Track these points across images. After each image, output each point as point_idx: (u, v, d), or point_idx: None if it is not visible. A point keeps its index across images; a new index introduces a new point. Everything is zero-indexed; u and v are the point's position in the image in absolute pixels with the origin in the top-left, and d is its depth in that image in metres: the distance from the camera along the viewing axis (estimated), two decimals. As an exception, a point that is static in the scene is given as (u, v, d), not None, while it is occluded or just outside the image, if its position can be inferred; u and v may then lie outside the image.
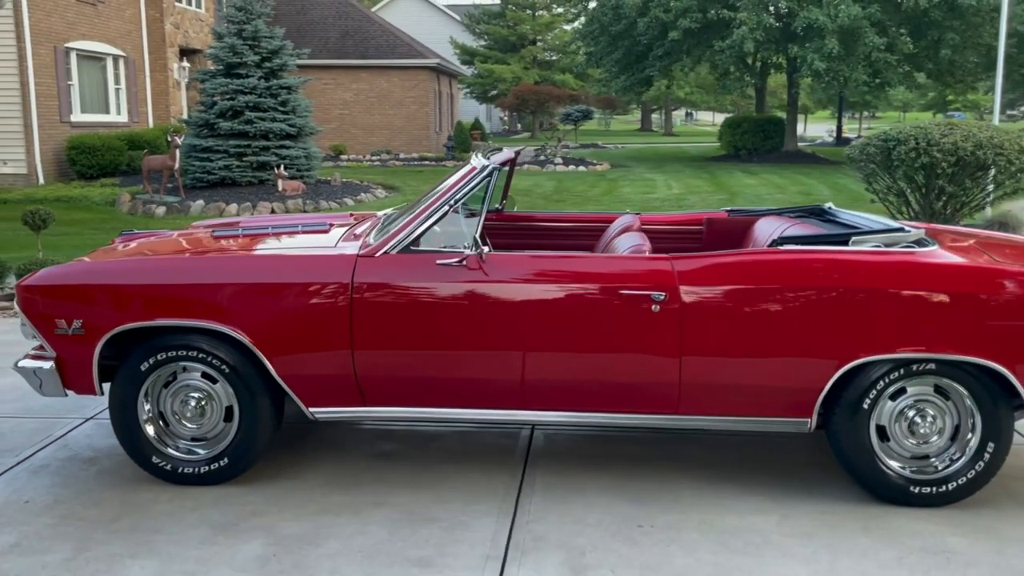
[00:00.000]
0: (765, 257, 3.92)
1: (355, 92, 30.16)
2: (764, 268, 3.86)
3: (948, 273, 3.80)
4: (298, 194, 16.81)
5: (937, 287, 3.75)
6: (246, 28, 18.08)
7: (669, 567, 3.43)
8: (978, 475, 3.88)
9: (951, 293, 3.74)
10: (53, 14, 20.25)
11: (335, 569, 3.40)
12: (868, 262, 3.83)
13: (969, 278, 3.79)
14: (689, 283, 3.85)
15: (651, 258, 3.97)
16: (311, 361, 3.97)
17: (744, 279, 3.84)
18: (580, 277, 3.93)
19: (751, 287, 3.82)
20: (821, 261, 3.85)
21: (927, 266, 3.81)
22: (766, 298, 3.81)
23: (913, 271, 3.80)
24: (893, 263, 3.83)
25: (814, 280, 3.80)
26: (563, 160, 25.06)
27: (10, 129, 19.24)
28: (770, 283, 3.82)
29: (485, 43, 50.46)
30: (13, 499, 3.99)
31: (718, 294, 3.83)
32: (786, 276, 3.82)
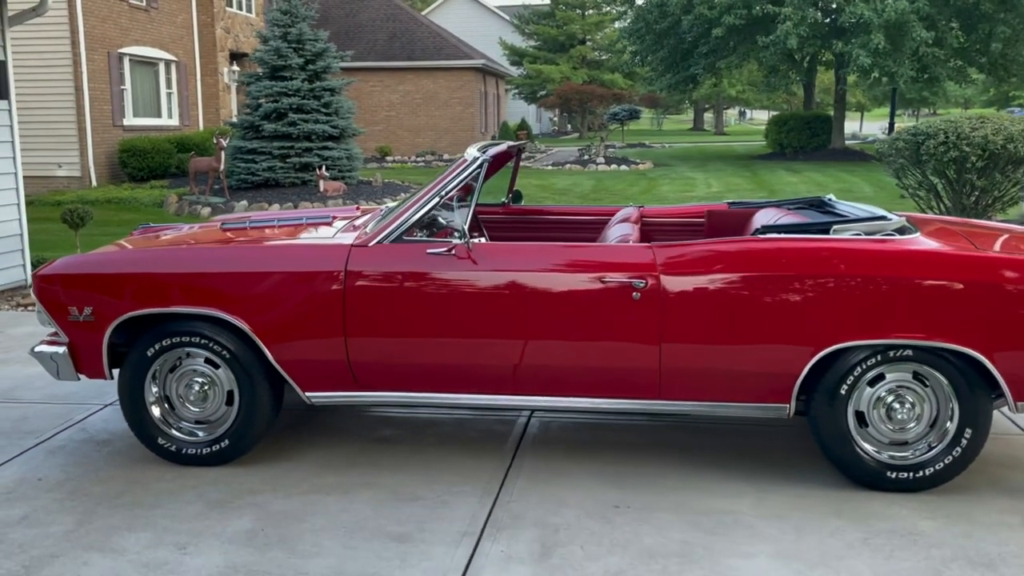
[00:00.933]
0: (743, 246, 4.00)
1: (402, 94, 30.54)
2: (742, 256, 3.94)
3: (924, 260, 3.84)
4: (339, 194, 17.12)
5: (913, 274, 3.80)
6: (291, 31, 18.47)
7: (638, 544, 3.54)
8: (955, 461, 3.92)
9: (927, 280, 3.79)
10: (107, 20, 20.89)
11: (317, 542, 3.57)
12: (844, 249, 3.90)
13: (946, 265, 3.83)
14: (669, 271, 3.95)
15: (633, 247, 4.08)
16: (306, 347, 4.15)
17: (722, 267, 3.93)
18: (563, 266, 4.05)
19: (729, 275, 3.91)
20: (798, 249, 3.92)
21: (904, 253, 3.87)
22: (744, 285, 3.89)
23: (889, 258, 3.85)
24: (869, 251, 3.88)
25: (791, 268, 3.88)
26: (605, 159, 25.12)
27: (65, 133, 19.88)
28: (748, 271, 3.90)
29: (534, 43, 50.63)
30: (28, 476, 4.24)
31: (697, 282, 3.93)
32: (763, 264, 3.90)
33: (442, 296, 4.07)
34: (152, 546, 3.54)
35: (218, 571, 3.34)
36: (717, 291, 3.91)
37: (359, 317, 4.09)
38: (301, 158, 17.90)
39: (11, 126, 8.60)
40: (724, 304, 3.91)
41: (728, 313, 3.91)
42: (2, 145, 8.50)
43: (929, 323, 3.79)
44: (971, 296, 3.78)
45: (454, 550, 3.50)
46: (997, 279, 3.78)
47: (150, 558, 3.44)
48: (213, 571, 3.34)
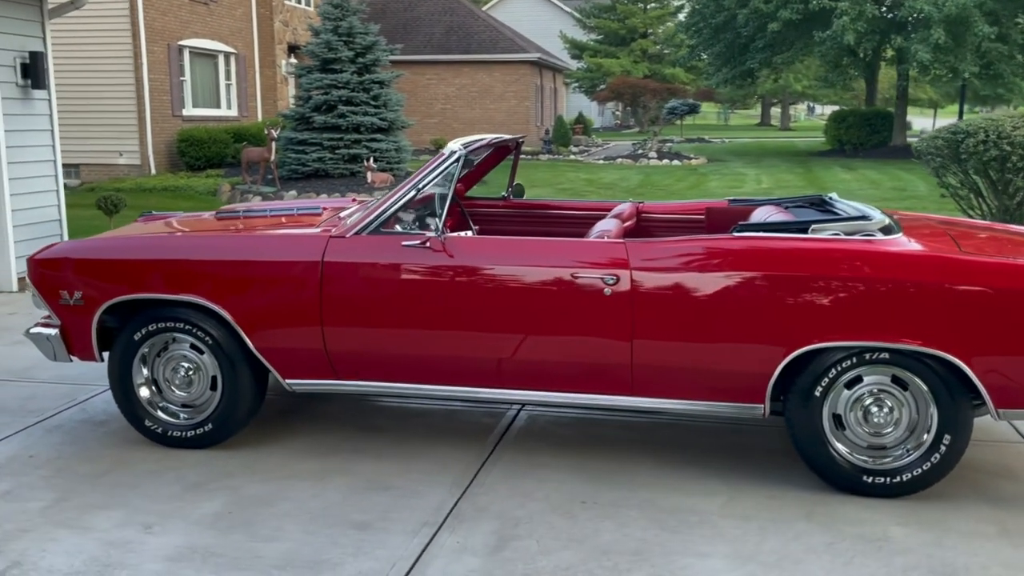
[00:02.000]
0: (715, 244, 3.95)
1: (457, 87, 30.68)
2: (713, 254, 3.89)
3: (900, 262, 3.75)
4: (386, 186, 17.28)
5: (888, 275, 3.71)
6: (341, 24, 18.68)
7: (595, 540, 3.53)
8: (933, 468, 3.82)
9: (904, 282, 3.70)
10: (167, 13, 21.36)
11: (279, 527, 3.63)
12: (817, 249, 3.82)
13: (922, 267, 3.73)
14: (641, 267, 3.92)
15: (606, 243, 4.05)
16: (285, 336, 4.22)
17: (693, 265, 3.89)
18: (536, 260, 4.04)
19: (700, 273, 3.87)
20: (769, 248, 3.86)
21: (879, 254, 3.77)
22: (715, 283, 3.84)
23: (864, 259, 3.76)
24: (843, 250, 3.80)
25: (763, 266, 3.82)
26: (658, 154, 24.91)
27: (126, 123, 20.39)
28: (719, 269, 3.85)
29: (595, 37, 50.37)
30: (20, 453, 4.39)
31: (668, 279, 3.89)
32: (735, 262, 3.85)
33: (415, 288, 4.09)
34: (120, 525, 3.64)
35: (175, 552, 3.42)
36: (688, 289, 3.87)
37: (335, 307, 4.14)
38: (350, 149, 18.12)
39: (50, 115, 8.86)
40: (695, 302, 3.86)
41: (699, 311, 3.86)
42: (42, 134, 8.76)
43: (904, 326, 3.70)
44: (948, 299, 3.67)
45: (411, 540, 3.53)
46: (975, 282, 3.67)
47: (115, 537, 3.54)
48: (171, 552, 3.42)
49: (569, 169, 22.68)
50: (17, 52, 8.35)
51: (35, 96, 8.62)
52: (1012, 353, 3.67)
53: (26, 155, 8.53)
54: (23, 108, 8.49)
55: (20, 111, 8.45)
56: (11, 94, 8.33)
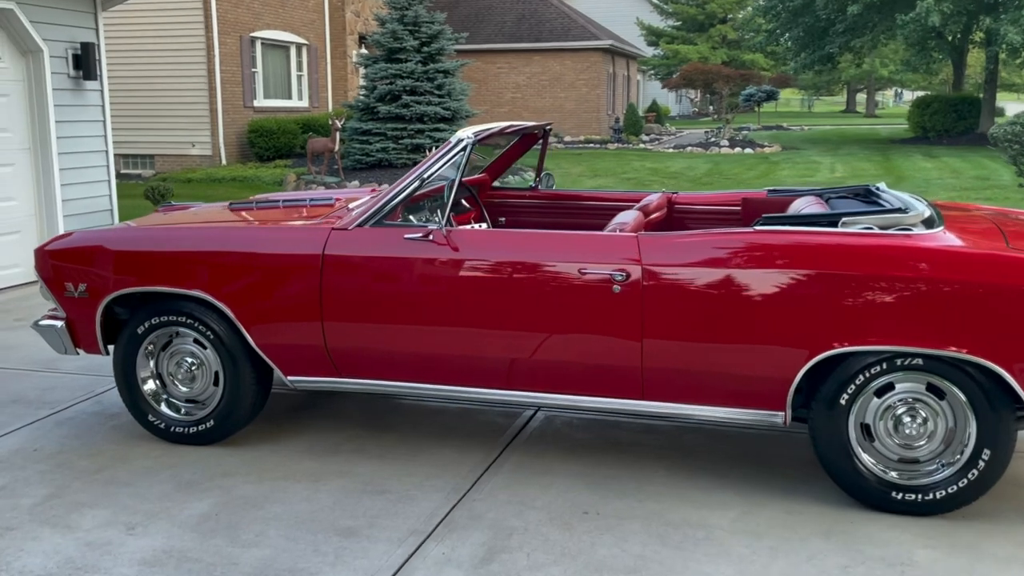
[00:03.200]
0: (735, 237, 3.65)
1: (528, 75, 30.43)
2: (732, 249, 3.60)
3: (936, 259, 3.40)
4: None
5: (921, 274, 3.38)
6: (407, 13, 18.63)
7: (588, 555, 3.30)
8: (970, 485, 3.48)
9: (939, 281, 3.36)
10: (240, 5, 21.61)
11: (262, 532, 3.49)
12: (845, 245, 3.50)
13: (960, 265, 3.38)
14: (653, 263, 3.66)
15: (617, 236, 3.80)
16: (285, 331, 4.08)
17: (710, 260, 3.61)
18: (543, 255, 3.81)
19: (717, 269, 3.59)
20: (794, 243, 3.55)
21: (913, 250, 3.44)
22: (733, 281, 3.56)
23: (896, 256, 3.43)
24: (874, 246, 3.47)
25: (785, 263, 3.52)
26: (730, 142, 24.28)
27: (198, 114, 20.71)
28: (738, 265, 3.57)
29: (673, 23, 49.51)
30: (26, 446, 4.35)
31: (682, 275, 3.62)
32: (755, 258, 3.56)
33: (417, 283, 3.90)
34: (104, 525, 3.54)
35: (151, 556, 3.31)
36: (703, 286, 3.59)
37: (335, 302, 3.98)
38: (413, 139, 18.07)
39: (102, 106, 8.94)
40: (711, 301, 3.58)
41: (715, 310, 3.58)
42: (93, 124, 8.85)
43: (940, 329, 3.36)
44: (989, 300, 3.32)
45: (395, 549, 3.35)
46: (1019, 282, 3.31)
47: (95, 537, 3.44)
48: (147, 555, 3.31)
49: (636, 158, 22.25)
50: (69, 43, 8.44)
51: (87, 87, 8.70)
52: (1059, 360, 3.30)
53: (78, 145, 8.62)
54: (74, 99, 8.58)
55: (72, 102, 8.54)
56: (63, 85, 8.42)
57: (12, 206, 8.10)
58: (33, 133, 8.24)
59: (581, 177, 18.31)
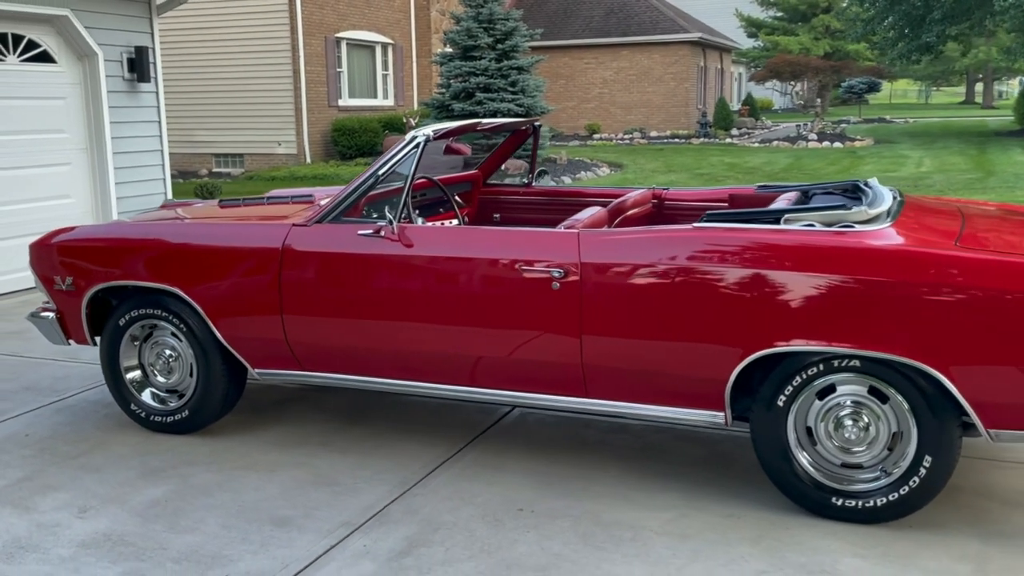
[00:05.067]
0: (671, 234, 3.59)
1: (615, 70, 30.22)
2: (668, 245, 3.54)
3: (870, 257, 3.26)
4: (520, 172, 17.24)
5: (856, 272, 3.25)
6: (482, 11, 18.74)
7: (506, 552, 3.30)
8: (911, 492, 3.33)
9: (872, 280, 3.23)
10: (325, 7, 22.15)
11: (202, 519, 3.60)
12: (778, 242, 3.39)
13: (896, 264, 3.23)
14: (591, 260, 3.62)
15: (558, 233, 3.77)
16: (249, 324, 4.20)
17: (647, 257, 3.55)
18: (487, 251, 3.81)
19: (653, 266, 3.53)
20: (728, 240, 3.46)
21: (848, 248, 3.30)
22: (669, 278, 3.50)
23: (831, 253, 3.31)
24: (807, 244, 3.35)
25: (718, 261, 3.44)
26: (818, 136, 23.59)
27: (283, 114, 21.34)
28: (673, 263, 3.50)
29: (773, 14, 48.30)
30: (18, 431, 4.60)
31: (619, 272, 3.58)
32: (690, 255, 3.49)
33: (368, 278, 3.96)
34: (60, 507, 3.72)
35: (91, 538, 3.46)
36: (640, 283, 3.54)
37: (294, 296, 4.07)
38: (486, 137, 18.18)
39: (157, 107, 9.33)
40: (647, 298, 3.53)
41: (651, 308, 3.53)
42: (148, 125, 9.24)
43: (873, 330, 3.23)
44: (925, 301, 3.17)
45: (320, 540, 3.42)
46: (960, 282, 3.14)
47: (48, 519, 3.62)
48: (86, 538, 3.46)
49: (717, 153, 21.85)
50: (124, 47, 8.83)
51: (141, 89, 9.09)
52: (1003, 364, 3.13)
53: (132, 145, 9.02)
54: (129, 101, 8.97)
55: (126, 103, 8.93)
56: (118, 87, 8.82)
57: (69, 203, 8.54)
58: (89, 134, 8.67)
59: (655, 172, 18.11)
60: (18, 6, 7.75)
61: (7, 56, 7.89)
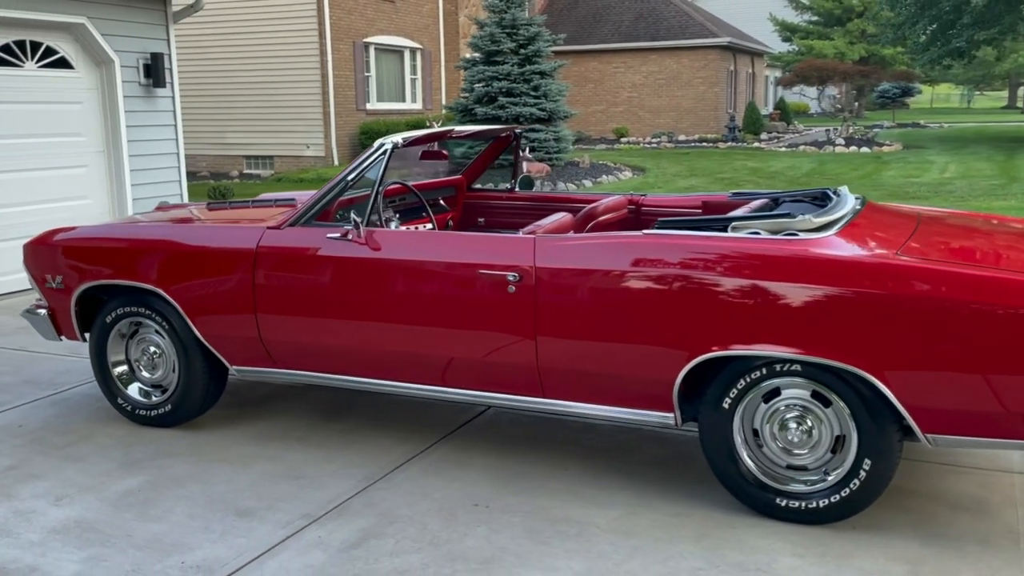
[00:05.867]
0: (622, 240, 3.68)
1: (644, 75, 30.22)
2: (619, 252, 3.63)
3: (810, 265, 3.33)
4: (542, 176, 17.35)
5: (795, 279, 3.32)
6: (504, 17, 18.90)
7: (454, 545, 3.41)
8: (852, 495, 3.39)
9: (811, 287, 3.30)
10: (353, 12, 22.43)
11: (170, 509, 3.76)
12: (722, 249, 3.47)
13: (834, 272, 3.29)
14: (545, 264, 3.73)
15: (514, 238, 3.87)
16: (225, 323, 4.35)
17: (598, 262, 3.65)
18: (448, 255, 3.93)
19: (604, 271, 3.63)
20: (675, 246, 3.55)
21: (788, 256, 3.37)
22: (619, 283, 3.59)
23: (771, 261, 3.38)
24: (749, 251, 3.42)
25: (665, 266, 3.53)
26: (846, 141, 23.43)
27: (312, 117, 21.64)
28: (623, 268, 3.59)
29: (808, 18, 47.95)
30: (14, 422, 4.79)
31: (572, 276, 3.68)
32: (639, 261, 3.58)
33: (335, 279, 4.10)
34: (39, 495, 3.90)
35: (62, 525, 3.62)
36: (591, 288, 3.64)
37: (266, 296, 4.22)
38: (508, 140, 18.30)
39: (173, 111, 9.56)
40: (597, 302, 3.63)
41: (601, 311, 3.63)
42: (164, 129, 9.48)
43: (812, 335, 3.30)
44: (861, 308, 3.23)
45: (277, 531, 3.55)
46: (895, 290, 3.20)
47: (25, 506, 3.79)
48: (58, 524, 3.62)
49: (742, 158, 21.79)
50: (140, 54, 9.08)
51: (157, 94, 9.34)
52: (936, 369, 3.19)
53: (148, 148, 9.26)
54: (145, 105, 9.22)
55: (142, 108, 9.18)
56: (134, 92, 9.07)
57: (86, 204, 8.79)
58: (106, 137, 8.92)
59: (676, 177, 18.12)
60: (36, 14, 8.02)
61: (25, 62, 8.16)
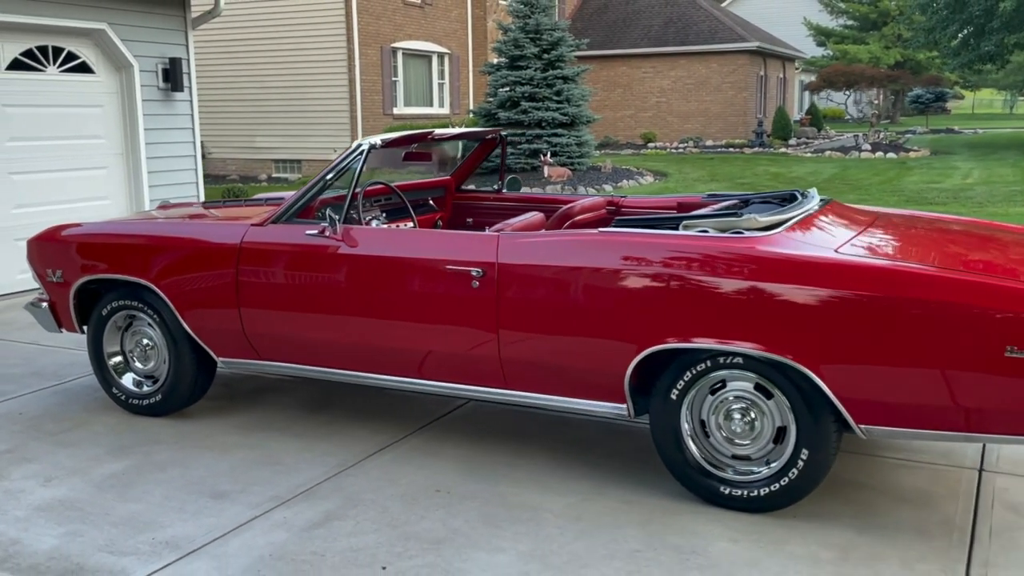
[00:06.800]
0: (577, 238, 3.84)
1: (673, 79, 30.24)
2: (574, 249, 3.79)
3: (750, 262, 3.46)
4: (563, 180, 17.50)
5: (736, 275, 3.46)
6: (528, 22, 19.10)
7: (411, 527, 3.58)
8: (791, 484, 3.52)
9: (751, 283, 3.43)
10: (381, 18, 22.74)
11: (149, 491, 3.97)
12: (669, 246, 3.61)
13: (772, 269, 3.42)
14: (507, 261, 3.89)
15: (480, 235, 4.05)
16: (211, 316, 4.56)
17: (555, 258, 3.81)
18: (417, 251, 4.11)
19: (560, 267, 3.79)
20: (626, 244, 3.70)
21: (731, 254, 3.50)
22: (574, 279, 3.75)
23: (715, 258, 3.52)
24: (695, 249, 3.57)
25: (617, 262, 3.68)
26: (872, 146, 23.31)
27: (339, 121, 21.97)
28: (578, 264, 3.75)
29: (843, 23, 47.64)
30: (14, 410, 5.04)
31: (531, 272, 3.84)
32: (593, 257, 3.73)
33: (312, 274, 4.29)
34: (29, 476, 4.13)
35: (46, 503, 3.85)
36: (548, 283, 3.80)
37: (248, 290, 4.43)
38: (531, 144, 18.50)
39: (191, 115, 9.85)
40: (554, 297, 3.79)
41: (558, 306, 3.79)
42: (182, 131, 9.77)
43: (752, 329, 3.44)
44: (796, 303, 3.36)
45: (246, 511, 3.74)
46: (828, 286, 3.33)
47: (15, 486, 4.02)
48: (43, 503, 3.85)
49: (766, 163, 21.76)
50: (159, 59, 9.38)
51: (175, 98, 9.63)
52: (869, 363, 3.30)
53: (166, 150, 9.55)
54: (163, 109, 9.51)
55: (160, 111, 9.48)
56: (152, 96, 9.37)
57: (106, 204, 9.09)
58: (125, 139, 9.23)
59: (697, 181, 18.18)
60: (57, 20, 8.34)
61: (48, 67, 8.48)
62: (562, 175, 17.64)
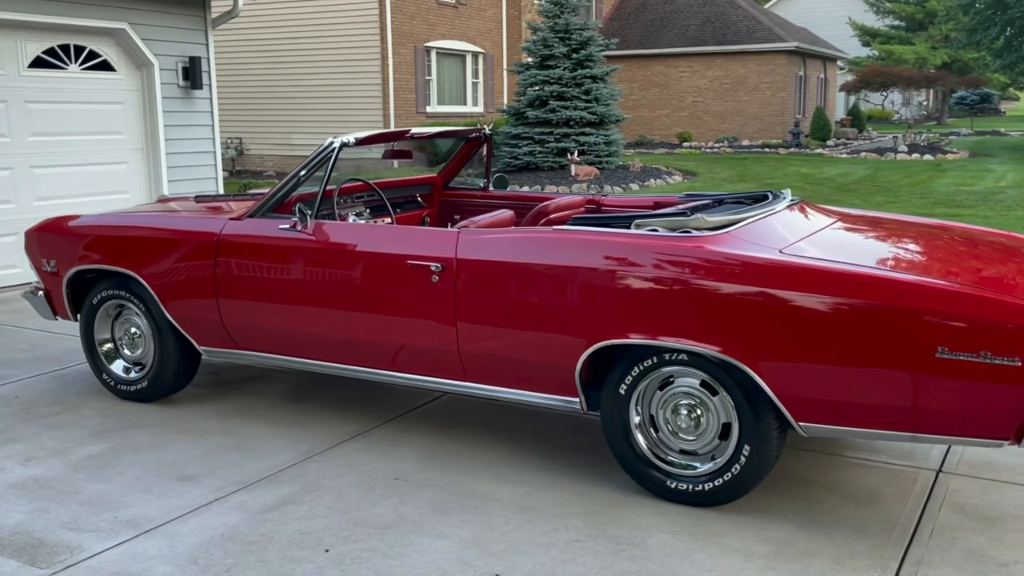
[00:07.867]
0: (531, 235, 3.91)
1: (710, 79, 30.06)
2: (528, 245, 3.87)
3: (694, 260, 3.51)
4: (590, 179, 17.55)
5: (681, 274, 3.51)
6: (558, 22, 19.16)
7: (362, 512, 3.68)
8: (734, 479, 3.57)
9: (692, 281, 3.49)
10: (415, 17, 22.94)
11: (121, 472, 4.13)
12: (617, 244, 3.68)
13: (713, 268, 3.47)
14: (465, 256, 3.98)
15: (441, 231, 4.14)
16: (191, 306, 4.71)
17: (511, 255, 3.89)
18: (382, 246, 4.22)
19: (515, 263, 3.87)
20: (576, 241, 3.77)
21: (676, 254, 3.55)
22: (527, 274, 3.83)
23: (661, 257, 3.57)
24: (643, 247, 3.62)
25: (567, 259, 3.75)
26: (908, 148, 22.99)
27: (372, 119, 22.21)
28: (531, 260, 3.83)
29: (889, 23, 46.95)
30: (10, 394, 5.24)
31: (487, 268, 3.93)
32: (545, 254, 3.81)
33: (284, 267, 4.42)
34: (11, 456, 4.31)
35: (22, 481, 4.02)
36: (502, 279, 3.88)
37: (225, 281, 4.57)
38: (559, 143, 18.57)
39: (211, 112, 10.07)
40: (508, 292, 3.87)
41: (511, 301, 3.87)
42: (201, 128, 10.00)
43: (694, 327, 3.49)
44: (739, 302, 3.41)
45: (209, 494, 3.88)
46: (768, 286, 3.37)
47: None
48: (18, 481, 4.02)
49: (798, 164, 21.57)
50: (179, 57, 9.61)
51: (195, 95, 9.86)
52: (807, 362, 3.34)
53: (185, 146, 9.78)
54: (183, 106, 9.74)
55: (180, 108, 9.71)
56: (172, 94, 9.60)
57: (126, 198, 9.34)
58: (145, 136, 9.47)
59: (726, 181, 18.10)
60: (80, 20, 8.59)
61: (69, 65, 8.74)
62: (589, 173, 17.69)
